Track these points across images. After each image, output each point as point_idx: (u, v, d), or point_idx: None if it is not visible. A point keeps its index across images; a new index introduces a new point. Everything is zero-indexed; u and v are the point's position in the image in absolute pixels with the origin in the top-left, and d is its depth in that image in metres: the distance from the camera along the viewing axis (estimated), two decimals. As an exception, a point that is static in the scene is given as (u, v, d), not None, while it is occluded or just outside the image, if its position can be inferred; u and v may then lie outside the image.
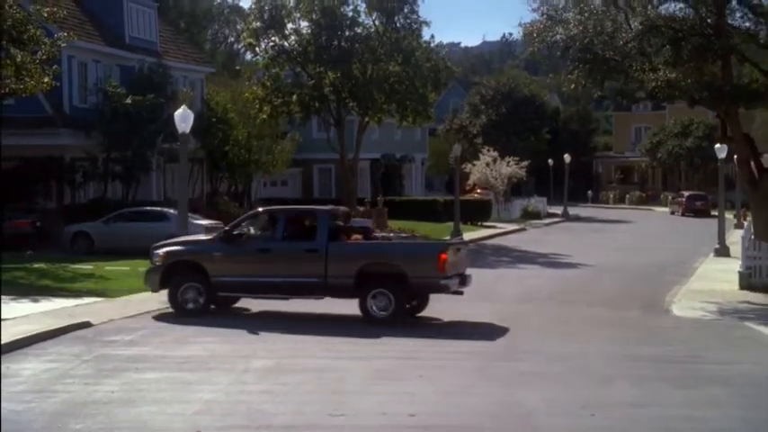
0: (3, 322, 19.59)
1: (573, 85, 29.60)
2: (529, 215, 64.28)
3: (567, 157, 68.51)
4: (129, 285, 25.78)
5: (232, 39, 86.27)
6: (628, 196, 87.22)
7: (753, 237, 28.62)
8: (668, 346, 18.95)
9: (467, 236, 47.77)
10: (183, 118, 25.17)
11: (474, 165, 62.46)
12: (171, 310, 22.82)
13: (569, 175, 71.72)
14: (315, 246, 20.72)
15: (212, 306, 21.65)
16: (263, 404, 13.30)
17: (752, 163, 28.94)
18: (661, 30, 26.62)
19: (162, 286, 21.76)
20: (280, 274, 20.87)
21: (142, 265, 30.21)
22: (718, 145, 38.19)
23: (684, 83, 26.66)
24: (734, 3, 26.50)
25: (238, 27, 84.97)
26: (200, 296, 21.33)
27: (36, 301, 22.94)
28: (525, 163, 63.62)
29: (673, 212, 74.67)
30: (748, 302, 25.73)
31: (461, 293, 21.45)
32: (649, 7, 26.01)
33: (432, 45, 50.13)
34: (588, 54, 27.64)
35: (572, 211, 71.20)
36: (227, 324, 20.25)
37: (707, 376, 15.93)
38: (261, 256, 21.16)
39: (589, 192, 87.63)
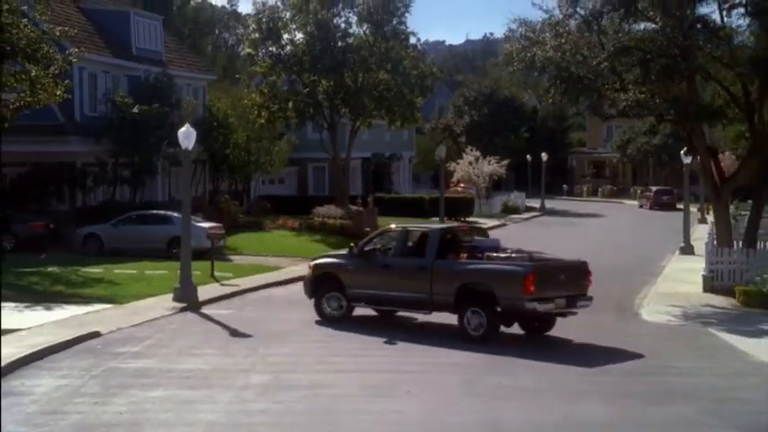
0: (19, 332, 19.62)
1: (550, 101, 29.57)
2: (509, 210, 64.27)
3: (544, 156, 68.47)
4: (136, 291, 25.73)
5: (232, 42, 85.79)
6: (600, 190, 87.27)
7: (715, 243, 28.68)
8: (637, 359, 18.63)
9: (451, 232, 47.80)
10: (187, 135, 25.10)
11: (458, 163, 62.51)
12: (175, 315, 22.96)
13: (546, 170, 71.63)
14: (423, 263, 20.36)
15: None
16: (262, 426, 13.23)
17: (715, 173, 28.98)
18: (631, 51, 26.60)
19: (312, 295, 22.10)
20: (397, 289, 20.71)
21: (148, 268, 30.41)
22: (684, 152, 38.15)
23: (653, 102, 26.63)
24: (698, 26, 26.35)
25: (238, 32, 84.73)
26: (340, 305, 21.62)
27: (49, 309, 22.84)
28: (505, 162, 63.61)
29: (641, 206, 74.64)
30: (711, 306, 25.73)
31: (565, 315, 20.24)
32: (620, 33, 25.81)
33: (419, 46, 50.14)
34: (564, 73, 27.61)
35: (548, 203, 71.17)
36: (227, 339, 20.17)
37: (674, 390, 15.82)
38: (383, 271, 21.04)
39: (564, 185, 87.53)
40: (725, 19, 27.08)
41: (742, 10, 26.12)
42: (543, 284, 19.09)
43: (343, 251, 23.21)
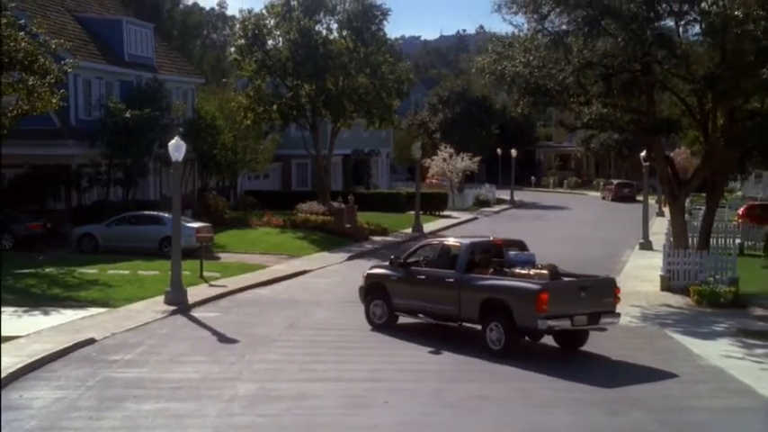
0: (19, 340, 19.51)
1: (519, 111, 29.56)
2: (480, 203, 64.32)
3: (513, 152, 68.47)
4: (128, 294, 25.55)
5: (219, 43, 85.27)
6: (565, 181, 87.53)
7: (672, 245, 28.87)
8: (602, 364, 18.65)
9: (426, 227, 47.78)
10: (177, 147, 24.94)
11: (433, 159, 62.54)
12: (166, 318, 22.88)
13: (515, 162, 71.63)
14: (453, 276, 19.80)
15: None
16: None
17: (671, 181, 29.12)
18: (595, 66, 26.64)
19: (363, 301, 22.03)
20: (431, 301, 20.28)
21: (141, 268, 30.27)
22: (643, 158, 38.33)
23: (614, 116, 26.70)
24: (657, 44, 26.38)
25: (225, 33, 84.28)
26: (384, 312, 21.42)
27: (47, 313, 22.70)
28: (477, 158, 63.70)
29: (604, 197, 74.92)
30: (668, 306, 25.87)
31: (576, 336, 19.32)
32: (585, 50, 25.82)
33: (396, 46, 49.98)
34: (532, 86, 27.62)
35: (518, 195, 71.08)
36: (215, 345, 20.13)
37: (632, 399, 15.89)
38: (420, 282, 20.60)
39: (532, 177, 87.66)
40: (682, 35, 27.18)
41: (698, 28, 26.15)
42: (559, 302, 18.16)
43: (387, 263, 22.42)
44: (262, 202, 50.73)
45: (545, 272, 19.07)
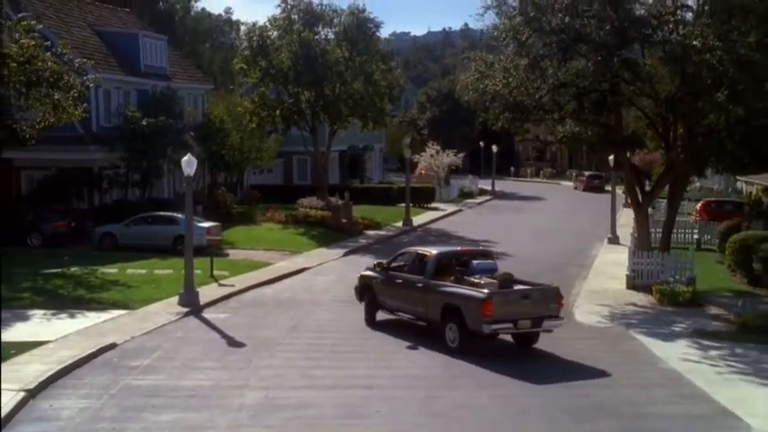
0: (48, 345, 19.62)
1: (499, 125, 29.62)
2: (465, 195, 64.42)
3: (494, 148, 68.49)
4: (146, 295, 25.59)
5: (226, 46, 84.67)
6: (542, 172, 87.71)
7: (637, 247, 29.05)
8: (574, 369, 18.66)
9: (416, 219, 47.87)
10: (189, 164, 24.85)
11: (421, 156, 62.69)
12: (179, 320, 22.99)
13: (496, 153, 71.53)
14: (421, 282, 20.58)
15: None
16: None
17: (637, 189, 29.26)
18: (568, 86, 26.72)
19: (360, 299, 23.07)
20: (406, 301, 21.18)
21: (157, 267, 30.35)
22: (612, 167, 38.44)
23: (585, 135, 26.81)
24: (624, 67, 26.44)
25: (231, 36, 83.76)
26: (376, 310, 22.40)
27: (73, 316, 22.75)
28: (462, 154, 63.78)
29: (576, 187, 75.20)
30: (633, 304, 26.06)
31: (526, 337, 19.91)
32: (559, 73, 25.88)
33: (386, 50, 49.83)
34: (511, 103, 27.68)
35: (498, 184, 71.09)
36: (224, 350, 20.27)
37: (599, 405, 16.03)
38: (397, 285, 21.52)
39: (512, 168, 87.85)
40: (647, 58, 27.21)
41: (661, 52, 26.16)
42: (502, 308, 18.83)
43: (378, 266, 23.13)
44: (266, 196, 50.97)
45: (495, 281, 19.77)
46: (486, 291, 19.06)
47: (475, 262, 20.87)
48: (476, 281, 19.86)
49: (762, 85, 24.42)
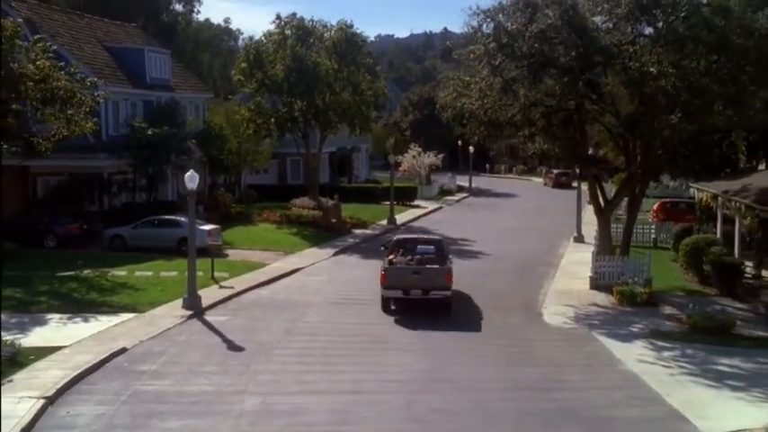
0: (64, 350, 19.69)
1: (476, 139, 29.81)
2: (444, 192, 64.60)
3: (471, 149, 68.57)
4: (152, 298, 25.58)
5: (225, 53, 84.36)
6: (514, 168, 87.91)
7: (599, 251, 29.31)
8: (542, 371, 18.79)
9: (399, 217, 48.00)
10: (191, 179, 24.87)
11: (404, 157, 62.86)
12: (183, 323, 23.03)
13: (473, 150, 71.54)
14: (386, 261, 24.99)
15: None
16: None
17: (599, 197, 29.51)
18: (538, 105, 26.90)
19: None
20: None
21: (163, 268, 30.37)
22: (577, 175, 38.63)
23: (553, 151, 27.03)
24: (587, 88, 26.64)
25: (230, 44, 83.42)
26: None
27: (86, 320, 22.77)
28: (442, 155, 63.98)
29: (545, 184, 75.54)
30: (596, 305, 26.27)
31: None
32: (529, 93, 26.06)
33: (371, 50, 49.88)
34: (486, 120, 27.84)
35: (475, 180, 71.17)
36: (225, 354, 20.38)
37: (565, 409, 16.13)
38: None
39: (487, 165, 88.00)
40: (608, 80, 27.40)
41: (622, 77, 26.34)
42: (395, 280, 23.51)
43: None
44: (262, 194, 51.06)
45: (405, 259, 24.70)
46: (385, 266, 23.76)
47: (419, 246, 25.57)
48: (396, 259, 24.76)
49: (711, 107, 24.71)
